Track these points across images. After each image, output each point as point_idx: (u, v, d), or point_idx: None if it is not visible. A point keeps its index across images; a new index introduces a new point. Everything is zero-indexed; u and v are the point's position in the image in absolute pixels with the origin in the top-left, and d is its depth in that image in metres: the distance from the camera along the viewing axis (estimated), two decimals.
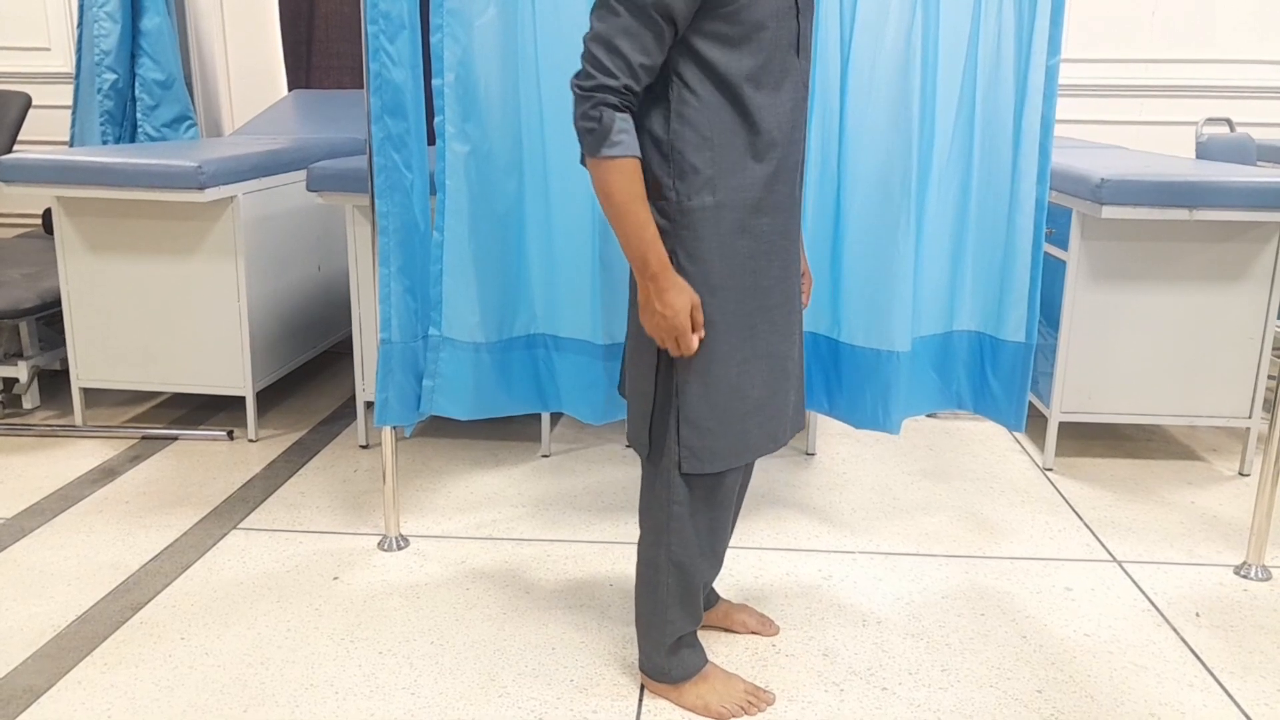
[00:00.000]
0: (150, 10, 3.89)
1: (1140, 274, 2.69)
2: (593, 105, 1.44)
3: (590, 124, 1.45)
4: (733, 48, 1.49)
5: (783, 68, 1.53)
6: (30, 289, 3.06)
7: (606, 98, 1.44)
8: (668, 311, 1.51)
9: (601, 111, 1.44)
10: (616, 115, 1.45)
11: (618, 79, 1.44)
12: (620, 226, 1.49)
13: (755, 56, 1.50)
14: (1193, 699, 1.80)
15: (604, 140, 1.44)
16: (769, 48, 1.51)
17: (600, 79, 1.44)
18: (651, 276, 1.50)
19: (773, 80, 1.53)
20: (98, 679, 1.83)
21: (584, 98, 1.45)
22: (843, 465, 2.87)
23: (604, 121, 1.44)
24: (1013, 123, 2.17)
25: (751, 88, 1.51)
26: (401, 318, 2.18)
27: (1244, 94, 4.10)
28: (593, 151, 1.46)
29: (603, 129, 1.44)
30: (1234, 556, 2.35)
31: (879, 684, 1.84)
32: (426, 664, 1.89)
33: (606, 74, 1.44)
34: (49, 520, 2.47)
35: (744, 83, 1.50)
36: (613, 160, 1.45)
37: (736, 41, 1.48)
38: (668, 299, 1.50)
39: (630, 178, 1.47)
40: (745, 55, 1.49)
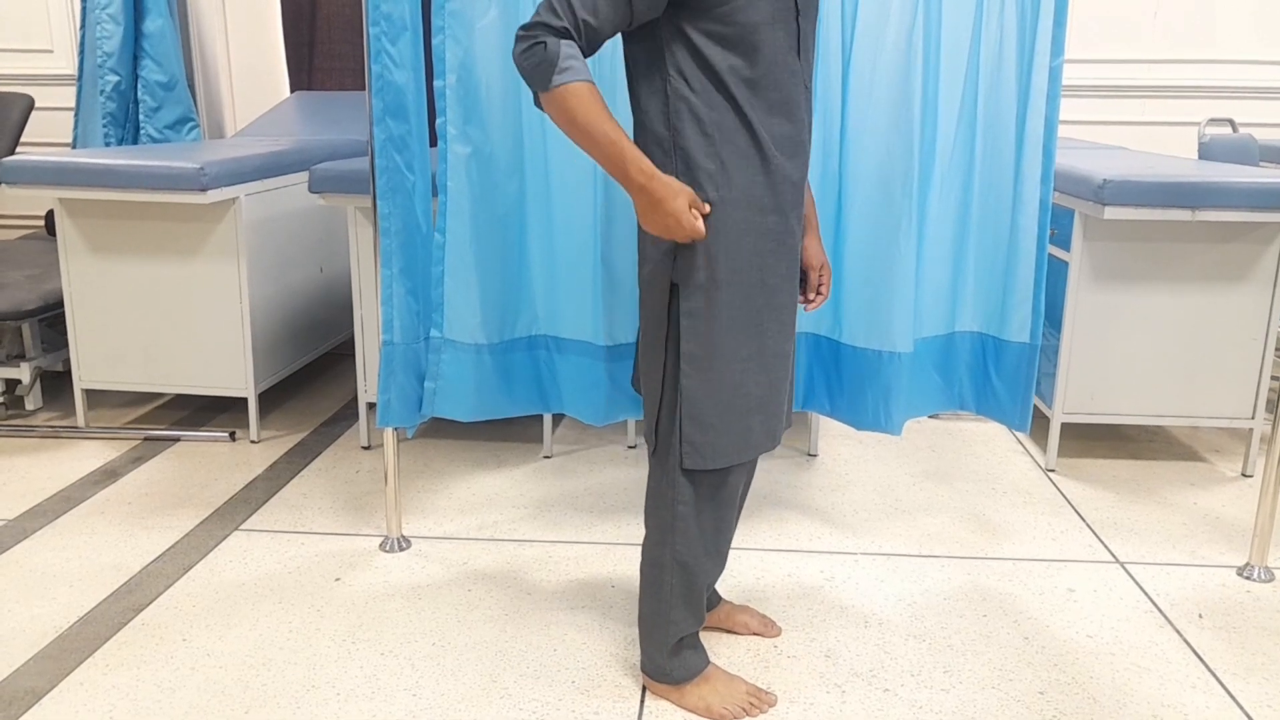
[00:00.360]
0: (153, 12, 3.90)
1: (1143, 275, 2.69)
2: (533, 41, 1.42)
3: (534, 59, 1.42)
4: (728, 49, 1.48)
5: (783, 69, 1.53)
6: (33, 290, 3.07)
7: (545, 34, 1.42)
8: (666, 218, 1.48)
9: (543, 41, 1.41)
10: (561, 42, 1.42)
11: (560, 19, 1.42)
12: (592, 146, 1.45)
13: (752, 58, 1.50)
14: (1195, 701, 1.80)
15: (552, 69, 1.41)
16: (767, 50, 1.50)
17: (543, 17, 1.43)
18: (639, 188, 1.46)
19: (772, 83, 1.52)
20: (99, 680, 1.83)
21: (524, 37, 1.43)
22: (845, 466, 2.87)
23: (549, 49, 1.41)
24: (1015, 124, 2.16)
25: (750, 88, 1.51)
26: (403, 319, 2.19)
27: (1246, 94, 4.10)
28: (543, 84, 1.42)
29: (549, 57, 1.40)
30: (1237, 558, 2.34)
31: (881, 685, 1.83)
32: (428, 665, 1.89)
33: (552, 14, 1.43)
34: (51, 521, 2.47)
35: (742, 83, 1.50)
36: (567, 86, 1.42)
37: (731, 43, 1.48)
38: (665, 204, 1.46)
39: (588, 99, 1.43)
40: (743, 56, 1.49)
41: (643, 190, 1.46)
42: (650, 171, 1.46)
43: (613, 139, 1.44)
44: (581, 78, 1.42)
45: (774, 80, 1.52)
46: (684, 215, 1.47)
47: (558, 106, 1.43)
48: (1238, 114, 4.08)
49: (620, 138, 1.44)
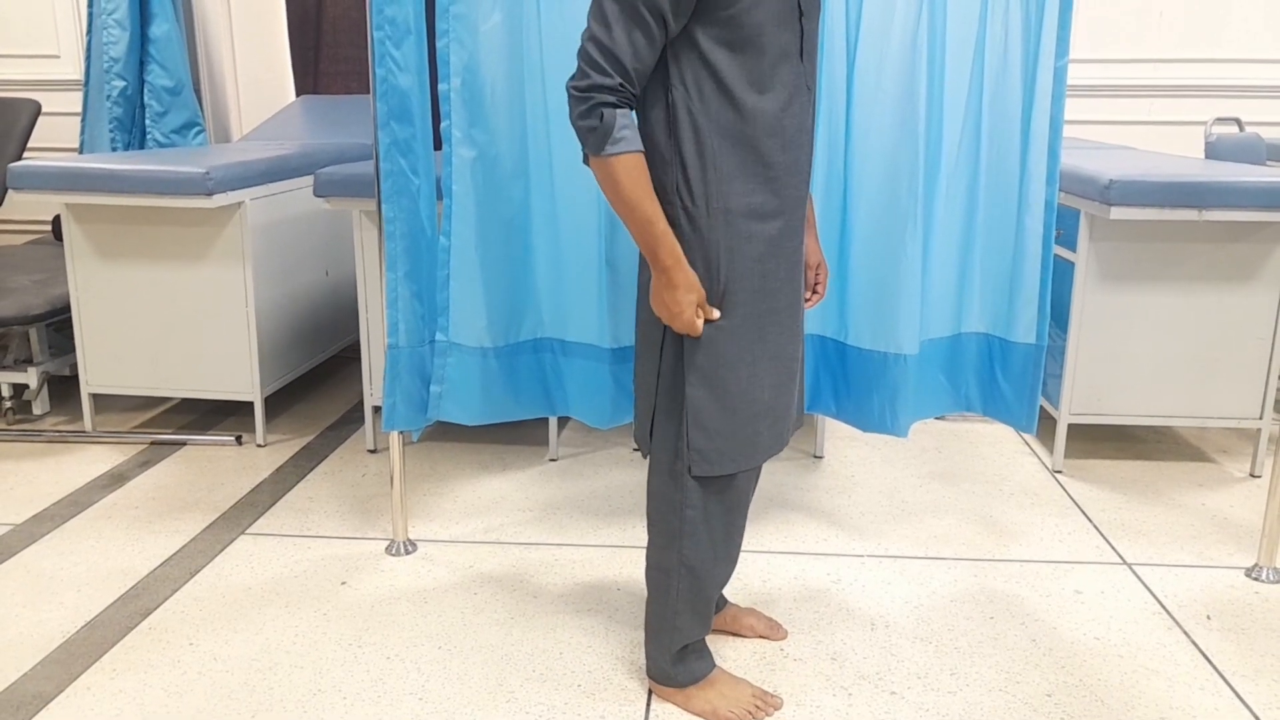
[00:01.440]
0: (159, 17, 3.91)
1: (1149, 275, 2.68)
2: (590, 105, 1.44)
3: (590, 123, 1.45)
4: (733, 52, 1.48)
5: (786, 72, 1.53)
6: (40, 295, 3.08)
7: (604, 97, 1.44)
8: (673, 306, 1.52)
9: (601, 110, 1.44)
10: (617, 112, 1.45)
11: (612, 77, 1.44)
12: (630, 222, 1.49)
13: (757, 61, 1.49)
14: (1204, 702, 1.79)
15: (606, 138, 1.44)
16: (771, 52, 1.50)
17: (595, 78, 1.44)
18: (663, 269, 1.51)
19: (776, 85, 1.52)
20: (106, 685, 1.83)
21: (580, 98, 1.45)
22: (851, 468, 2.86)
23: (605, 120, 1.44)
24: (1021, 124, 2.16)
25: (754, 92, 1.51)
26: (409, 323, 2.19)
27: (1253, 93, 4.08)
28: (596, 150, 1.46)
29: (604, 127, 1.44)
30: (1245, 558, 2.33)
31: (888, 688, 1.83)
32: (434, 669, 1.89)
33: (601, 73, 1.44)
34: (58, 526, 2.48)
35: (746, 87, 1.50)
36: (618, 157, 1.45)
37: (737, 46, 1.48)
38: (677, 295, 1.51)
39: (636, 173, 1.47)
40: (747, 60, 1.49)
41: (665, 272, 1.51)
42: (678, 257, 1.51)
43: (650, 218, 1.48)
44: (633, 149, 1.46)
45: (778, 83, 1.52)
46: (688, 311, 1.53)
47: (607, 173, 1.47)
48: (1244, 113, 4.07)
49: (658, 218, 1.49)
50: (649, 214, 1.48)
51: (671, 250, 1.50)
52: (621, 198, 1.47)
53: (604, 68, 1.44)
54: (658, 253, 1.50)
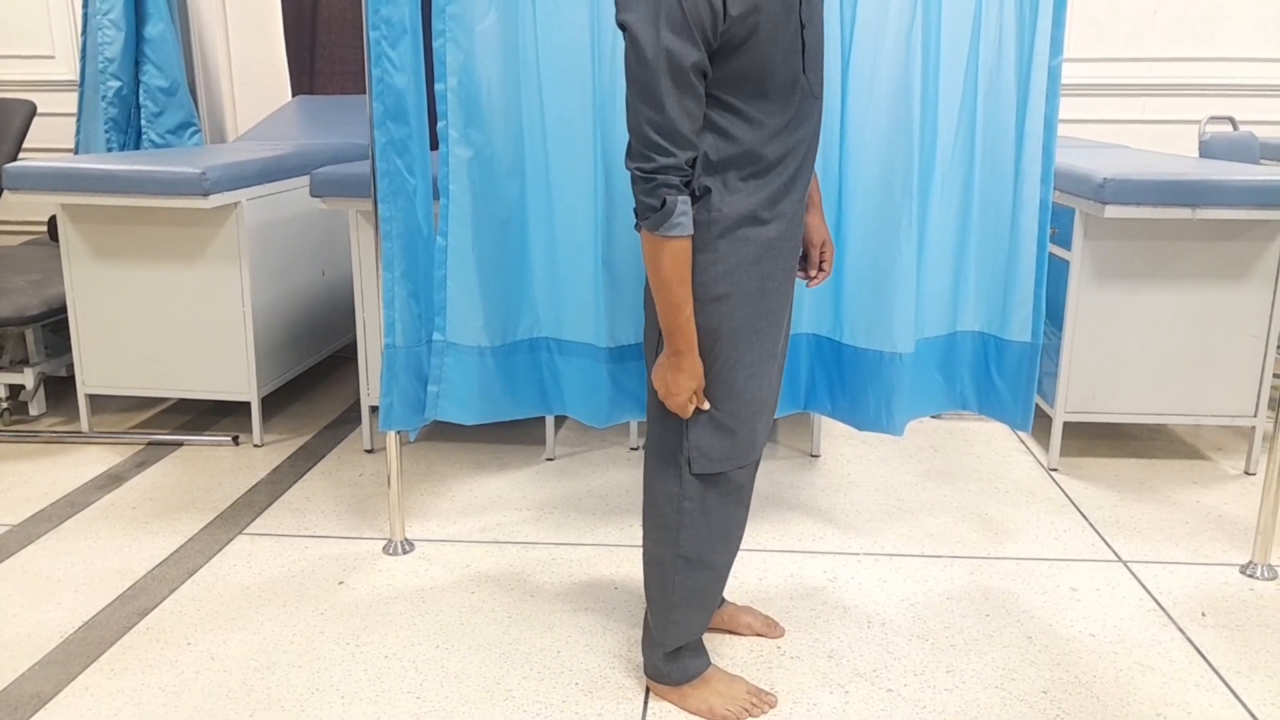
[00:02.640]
0: (154, 17, 3.91)
1: (1144, 273, 2.69)
2: (655, 186, 1.45)
3: (653, 203, 1.46)
4: (736, 82, 1.48)
5: (791, 83, 1.53)
6: (36, 296, 3.07)
7: (669, 179, 1.45)
8: (673, 387, 1.57)
9: (665, 195, 1.45)
10: (679, 199, 1.46)
11: (676, 156, 1.45)
12: (661, 300, 1.52)
13: (760, 72, 1.49)
14: (1199, 699, 1.80)
15: (665, 221, 1.46)
16: (776, 61, 1.50)
17: (659, 160, 1.44)
18: (674, 352, 1.55)
19: (781, 96, 1.52)
20: (104, 685, 1.84)
21: (645, 179, 1.46)
22: (847, 467, 2.87)
23: (667, 205, 1.46)
24: (1015, 123, 2.16)
25: (759, 105, 1.50)
26: (405, 322, 2.19)
27: (1247, 92, 4.10)
28: (653, 229, 1.48)
29: (665, 211, 1.46)
30: (1240, 556, 2.34)
31: (884, 685, 1.84)
32: (432, 668, 1.89)
33: (665, 154, 1.44)
34: (55, 526, 2.48)
35: (749, 102, 1.50)
36: (672, 241, 1.48)
37: (743, 77, 1.48)
38: (680, 379, 1.56)
39: (683, 258, 1.50)
40: (750, 73, 1.49)
41: (676, 355, 1.56)
42: (691, 345, 1.56)
43: (680, 305, 1.53)
44: (686, 234, 1.49)
45: (782, 96, 1.52)
46: (683, 396, 1.57)
47: (656, 251, 1.50)
48: (1238, 112, 4.08)
49: (686, 305, 1.53)
50: (680, 300, 1.52)
51: (688, 339, 1.54)
52: (661, 278, 1.51)
53: (666, 148, 1.44)
54: (675, 337, 1.54)
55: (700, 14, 1.39)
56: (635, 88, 1.44)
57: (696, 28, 1.40)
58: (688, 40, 1.40)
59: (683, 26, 1.39)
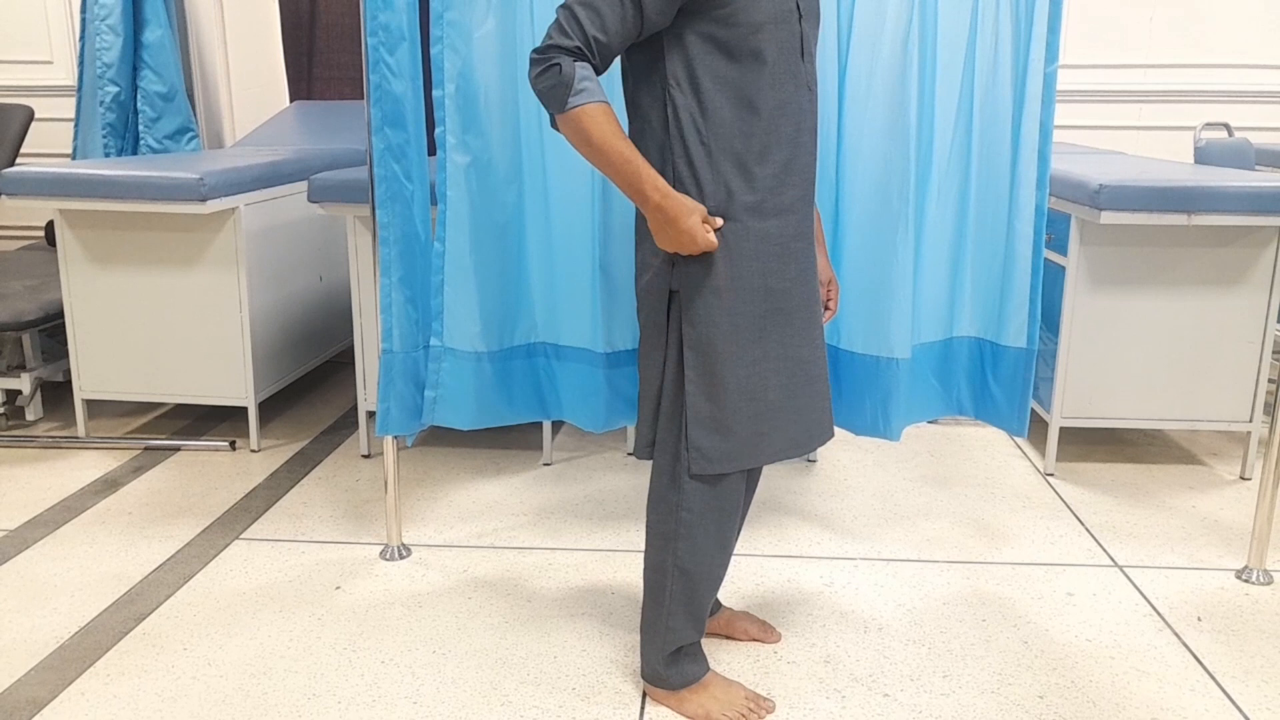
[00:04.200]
0: (152, 23, 3.92)
1: (1140, 279, 2.70)
2: (547, 64, 1.45)
3: (549, 80, 1.44)
4: (731, 52, 1.49)
5: (786, 72, 1.54)
6: (33, 301, 3.07)
7: (560, 57, 1.45)
8: (680, 237, 1.51)
9: (559, 63, 1.44)
10: (576, 64, 1.45)
11: (571, 39, 1.45)
12: (607, 167, 1.48)
13: (755, 61, 1.50)
14: (1195, 704, 1.80)
15: (568, 90, 1.44)
16: (770, 53, 1.51)
17: (555, 39, 1.45)
18: (655, 207, 1.49)
19: (775, 86, 1.53)
20: (101, 690, 1.83)
21: (538, 60, 1.46)
22: (844, 472, 2.87)
23: (564, 71, 1.44)
24: (1011, 129, 2.17)
25: (753, 93, 1.51)
26: (403, 328, 2.19)
27: (1242, 98, 4.11)
28: (559, 106, 1.45)
29: (564, 79, 1.44)
30: (1235, 561, 2.35)
31: (881, 690, 1.84)
32: (429, 673, 1.89)
33: (562, 35, 1.45)
34: (52, 531, 2.48)
35: (744, 87, 1.51)
36: (583, 108, 1.45)
37: (734, 46, 1.49)
38: (679, 224, 1.50)
39: (603, 120, 1.46)
40: (744, 60, 1.50)
41: (659, 209, 1.49)
42: (665, 190, 1.49)
43: (628, 158, 1.47)
44: (597, 99, 1.45)
45: (776, 83, 1.53)
46: (698, 231, 1.50)
47: (573, 128, 1.46)
48: (1233, 118, 4.10)
49: (635, 157, 1.47)
50: (624, 153, 1.47)
51: (656, 184, 1.48)
52: (594, 146, 1.46)
53: (566, 31, 1.45)
54: (644, 189, 1.48)
55: None
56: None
57: None
58: None
59: None
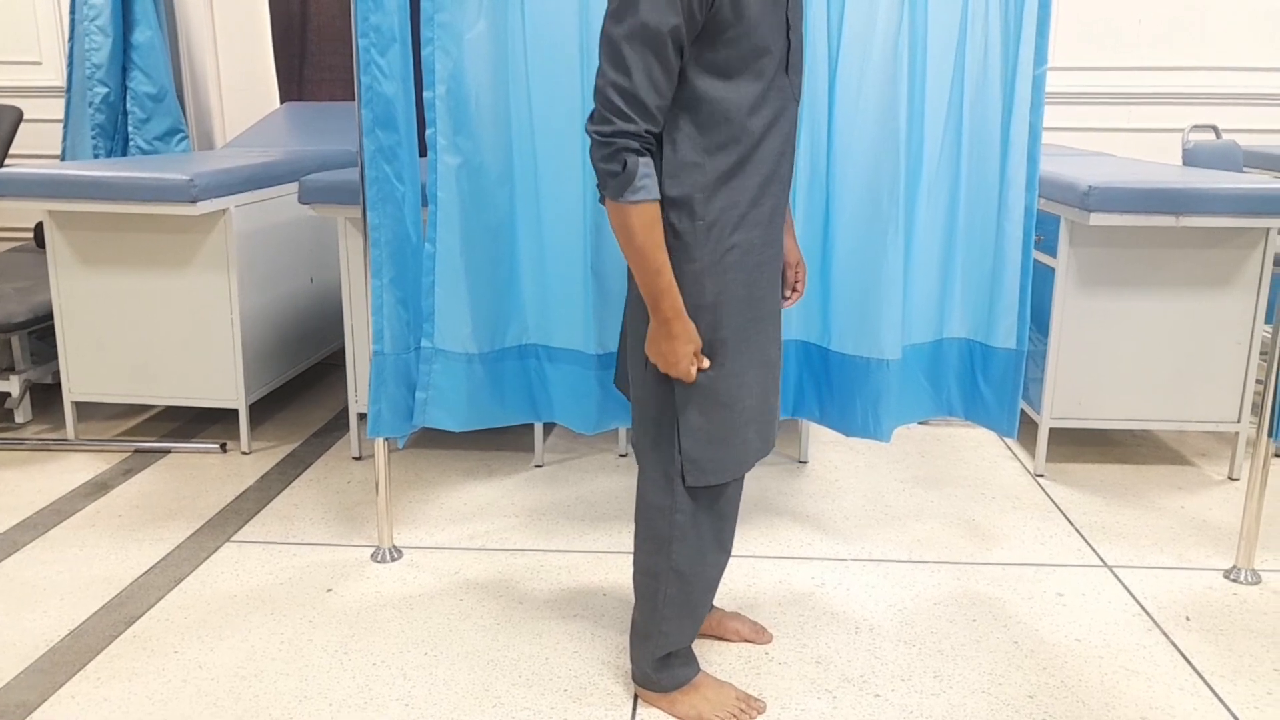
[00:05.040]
0: (142, 24, 3.91)
1: (1129, 280, 2.71)
2: (614, 151, 1.44)
3: (613, 168, 1.44)
4: (725, 73, 1.48)
5: (775, 87, 1.54)
6: (22, 303, 3.06)
7: (628, 143, 1.44)
8: (670, 356, 1.54)
9: (625, 158, 1.44)
10: (640, 160, 1.45)
11: (637, 123, 1.44)
12: (638, 269, 1.50)
13: (748, 79, 1.50)
14: (1183, 702, 1.81)
15: (628, 186, 1.44)
16: (765, 70, 1.51)
17: (619, 124, 1.43)
18: (663, 320, 1.52)
19: (764, 102, 1.53)
20: (91, 693, 1.83)
21: (604, 143, 1.44)
22: (835, 473, 2.88)
23: (628, 168, 1.44)
24: (1000, 131, 2.18)
25: (740, 112, 1.51)
26: (394, 329, 2.19)
27: (1229, 100, 4.13)
28: (615, 195, 1.46)
29: (626, 175, 1.44)
30: (1224, 560, 2.36)
31: (872, 690, 1.84)
32: (421, 675, 1.89)
33: (625, 119, 1.43)
34: (41, 534, 2.47)
35: (733, 108, 1.51)
36: (635, 205, 1.46)
37: (731, 66, 1.48)
38: (675, 346, 1.53)
39: (652, 222, 1.48)
40: (738, 77, 1.50)
41: (666, 323, 1.52)
42: (679, 310, 1.52)
43: (659, 269, 1.49)
44: (651, 198, 1.47)
45: (767, 100, 1.53)
46: (684, 362, 1.54)
47: (622, 220, 1.47)
48: (1221, 120, 4.12)
49: (666, 269, 1.50)
50: (658, 264, 1.49)
51: (674, 303, 1.51)
52: (634, 245, 1.48)
53: (627, 113, 1.43)
54: (660, 303, 1.51)
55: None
56: (606, 50, 1.43)
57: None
58: (669, 7, 1.39)
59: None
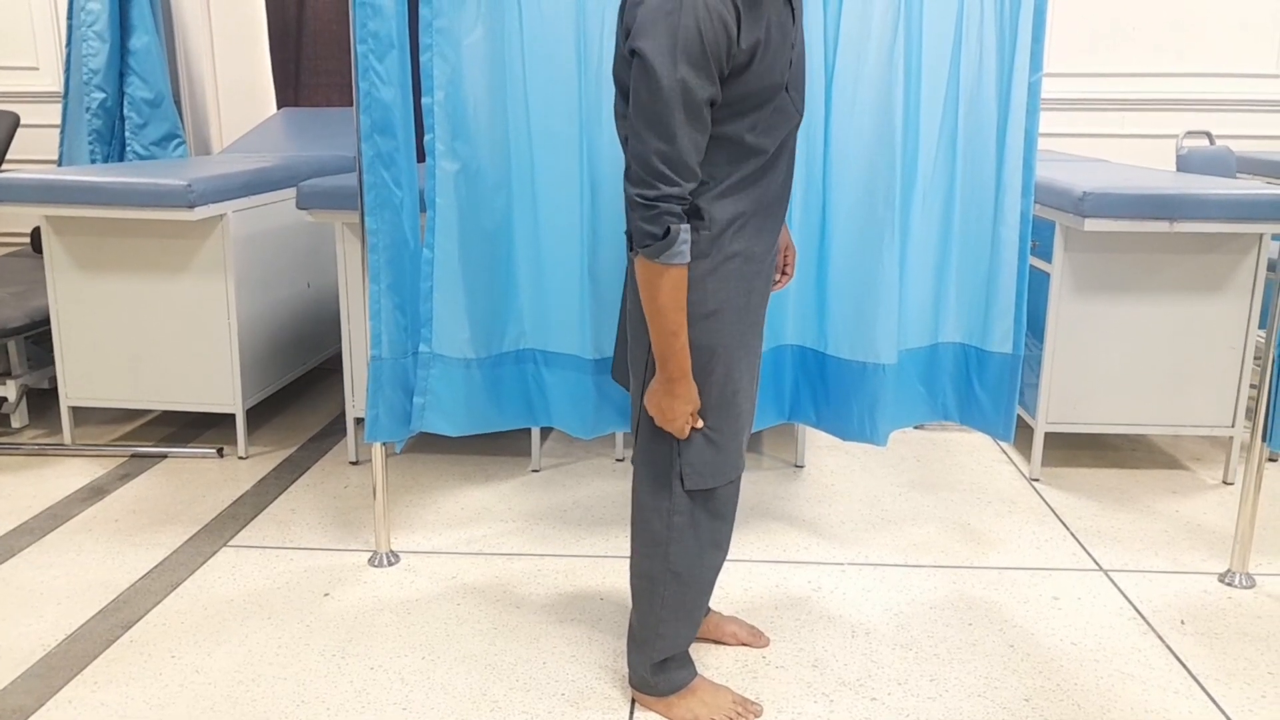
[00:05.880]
0: (139, 29, 3.91)
1: (1123, 285, 2.72)
2: (658, 214, 1.44)
3: (656, 231, 1.44)
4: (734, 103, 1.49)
5: (782, 111, 1.55)
6: (19, 308, 3.06)
7: (672, 207, 1.44)
8: (669, 413, 1.56)
9: (669, 223, 1.44)
10: (682, 227, 1.45)
11: (682, 186, 1.44)
12: (655, 327, 1.51)
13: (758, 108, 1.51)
14: (1179, 706, 1.82)
15: (668, 250, 1.45)
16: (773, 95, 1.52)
17: (664, 189, 1.43)
18: (669, 379, 1.54)
19: (774, 126, 1.54)
20: (88, 698, 1.83)
21: (648, 206, 1.44)
22: (831, 477, 2.89)
23: (670, 234, 1.44)
24: (996, 137, 2.19)
25: (745, 134, 1.52)
26: (391, 334, 2.20)
27: (1223, 107, 4.15)
28: (653, 256, 1.46)
29: (669, 240, 1.45)
30: (1218, 564, 2.37)
31: (868, 694, 1.85)
32: (418, 680, 1.89)
33: (671, 184, 1.43)
34: (38, 539, 2.47)
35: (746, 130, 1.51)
36: (671, 269, 1.47)
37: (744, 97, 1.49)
38: (675, 405, 1.55)
39: (680, 286, 1.49)
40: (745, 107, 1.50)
41: (670, 382, 1.54)
42: (686, 371, 1.54)
43: (676, 332, 1.51)
44: (684, 262, 1.48)
45: (774, 125, 1.54)
46: (681, 420, 1.57)
47: (654, 278, 1.48)
48: (1215, 126, 4.14)
49: (682, 333, 1.52)
50: (676, 327, 1.50)
51: (682, 365, 1.53)
52: (657, 305, 1.49)
53: (672, 178, 1.43)
54: (669, 363, 1.52)
55: (719, 48, 1.39)
56: (644, 117, 1.42)
57: (714, 60, 1.39)
58: (704, 74, 1.39)
59: (700, 60, 1.38)
